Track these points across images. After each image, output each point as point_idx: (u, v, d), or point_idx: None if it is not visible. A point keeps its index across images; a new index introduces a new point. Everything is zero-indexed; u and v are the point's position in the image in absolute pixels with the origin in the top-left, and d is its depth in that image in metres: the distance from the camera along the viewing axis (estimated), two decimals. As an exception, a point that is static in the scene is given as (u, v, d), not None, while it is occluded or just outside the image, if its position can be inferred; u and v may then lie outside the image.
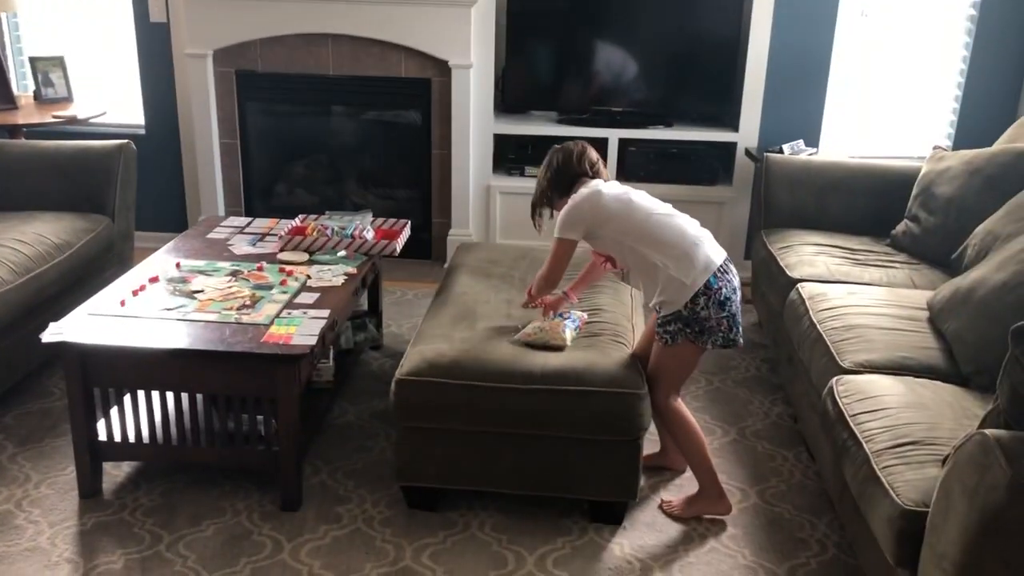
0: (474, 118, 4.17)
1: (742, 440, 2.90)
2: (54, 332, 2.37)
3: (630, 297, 2.87)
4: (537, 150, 4.33)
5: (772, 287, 3.29)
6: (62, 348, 2.36)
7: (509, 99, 4.32)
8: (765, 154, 3.72)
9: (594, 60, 4.20)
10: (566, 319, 2.48)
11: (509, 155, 4.36)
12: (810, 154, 3.99)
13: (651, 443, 2.65)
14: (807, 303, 2.84)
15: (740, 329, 2.36)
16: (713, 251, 2.35)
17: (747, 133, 4.18)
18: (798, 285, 2.99)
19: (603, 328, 2.57)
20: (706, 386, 3.24)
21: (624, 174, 4.23)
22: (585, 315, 2.60)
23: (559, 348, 2.41)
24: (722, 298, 2.29)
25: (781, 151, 3.92)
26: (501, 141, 4.32)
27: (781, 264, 3.22)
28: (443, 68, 4.09)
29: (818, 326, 2.68)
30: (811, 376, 2.66)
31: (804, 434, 2.82)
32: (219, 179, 4.34)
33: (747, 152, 4.16)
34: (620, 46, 4.20)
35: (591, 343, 2.46)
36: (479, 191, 4.30)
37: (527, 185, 4.26)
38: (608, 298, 2.80)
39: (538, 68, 4.30)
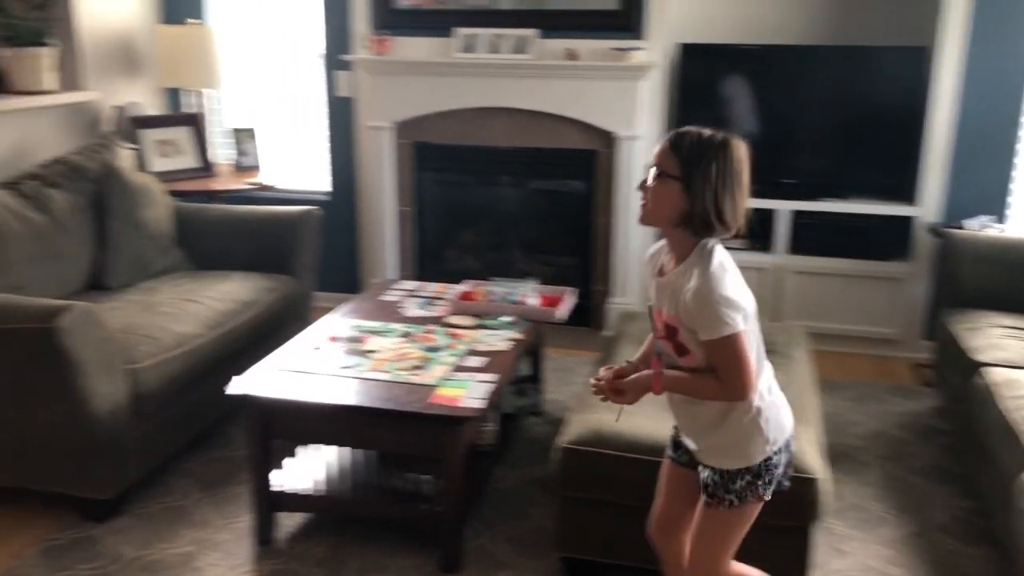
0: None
1: (923, 535, 2.71)
2: (239, 385, 2.53)
3: (803, 363, 2.77)
4: (702, 221, 4.30)
5: (955, 371, 3.10)
6: (245, 401, 2.52)
7: (675, 170, 4.31)
8: (948, 230, 3.54)
9: (764, 129, 4.15)
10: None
11: (673, 225, 4.33)
12: (998, 230, 3.76)
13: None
14: (995, 389, 2.65)
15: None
16: (784, 401, 1.93)
17: (927, 206, 3.99)
18: (984, 369, 2.80)
19: (772, 406, 2.48)
20: (880, 473, 3.06)
21: (796, 247, 4.12)
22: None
23: (726, 424, 2.34)
24: (791, 439, 1.93)
25: (964, 226, 3.72)
26: (665, 211, 4.31)
27: (966, 346, 3.03)
28: (609, 139, 4.15)
29: (1008, 415, 2.50)
30: (1000, 468, 2.46)
31: (994, 531, 2.60)
32: (393, 244, 4.55)
33: (929, 228, 3.96)
34: (792, 114, 4.14)
35: (760, 421, 2.38)
36: (640, 260, 4.29)
37: (691, 256, 4.24)
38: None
39: (705, 139, 4.29)
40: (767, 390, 1.86)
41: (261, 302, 3.44)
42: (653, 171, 1.81)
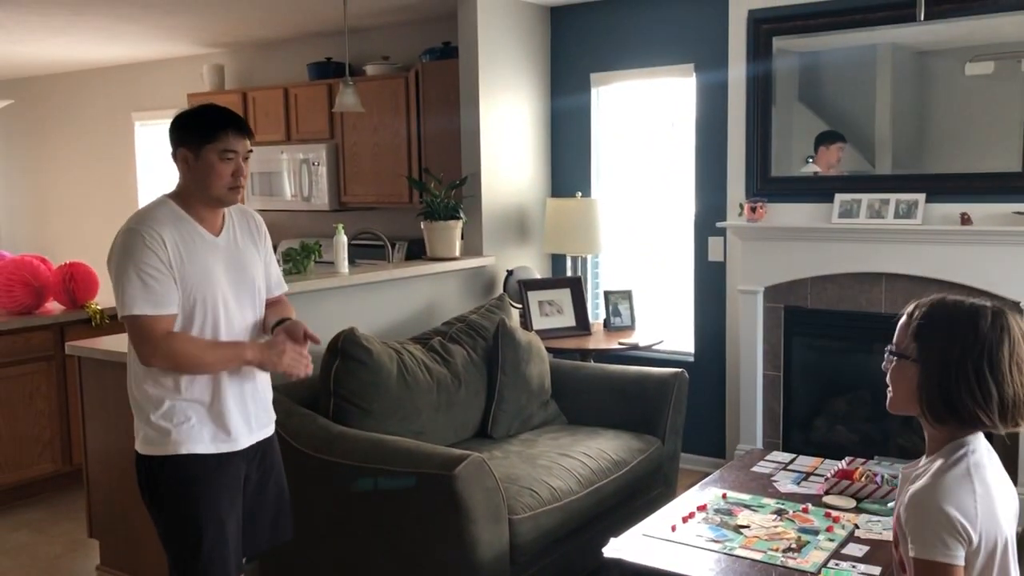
0: (1050, 364, 3.72)
1: None
2: (615, 548, 2.57)
3: None
4: None
5: None
6: (619, 564, 2.54)
7: (1096, 344, 3.78)
8: None
9: None
10: None
11: (1096, 409, 3.76)
12: None
13: None
14: None
15: None
16: None
17: None
18: None
19: None
20: None
21: None
22: None
23: None
24: None
25: None
26: (1085, 392, 3.76)
27: None
28: (1013, 309, 3.76)
29: None
30: None
31: None
32: (760, 409, 4.43)
33: None
34: None
35: None
36: (1054, 446, 3.76)
37: None
38: None
39: None
40: None
41: (630, 462, 3.51)
42: (889, 350, 1.57)
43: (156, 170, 7.08)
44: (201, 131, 2.23)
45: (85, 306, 4.50)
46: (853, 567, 2.42)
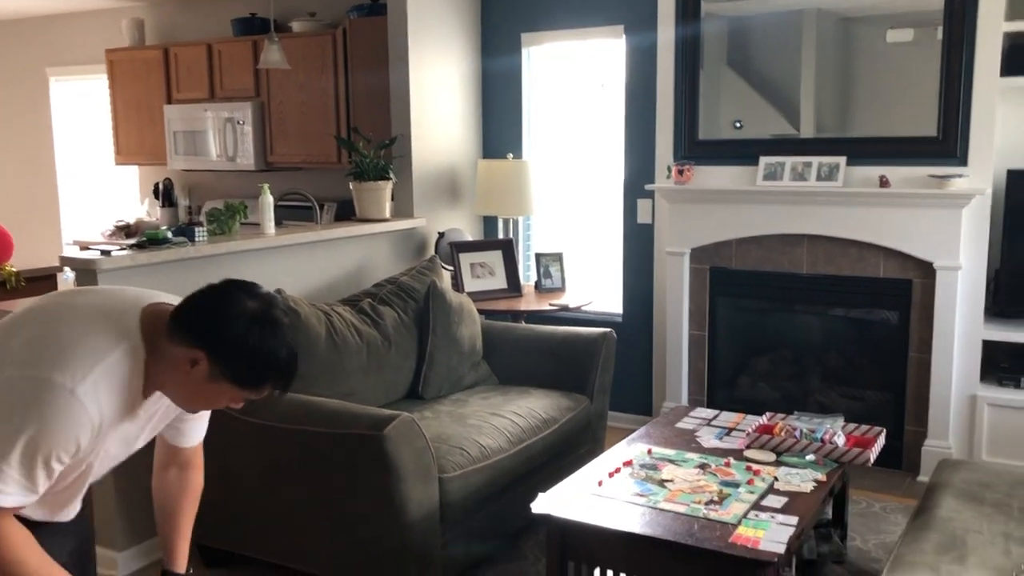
0: (960, 322, 3.88)
1: None
2: (543, 503, 2.61)
3: None
4: (1037, 361, 3.87)
5: None
6: (547, 519, 2.59)
7: (1003, 302, 3.95)
8: None
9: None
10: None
11: (1002, 364, 3.94)
12: None
13: None
14: None
15: None
16: None
17: None
18: None
19: None
20: None
21: None
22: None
23: (1078, 604, 2.04)
24: None
25: None
26: (991, 348, 3.94)
27: None
28: (927, 269, 3.90)
29: None
30: None
31: None
32: (685, 368, 4.53)
33: None
34: None
35: (1122, 604, 2.05)
36: (962, 401, 3.93)
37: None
38: None
39: (1039, 270, 3.90)
40: None
41: (559, 420, 3.55)
42: None
43: (73, 127, 6.81)
44: (251, 373, 1.69)
45: (-1, 268, 4.34)
46: (772, 517, 2.50)
